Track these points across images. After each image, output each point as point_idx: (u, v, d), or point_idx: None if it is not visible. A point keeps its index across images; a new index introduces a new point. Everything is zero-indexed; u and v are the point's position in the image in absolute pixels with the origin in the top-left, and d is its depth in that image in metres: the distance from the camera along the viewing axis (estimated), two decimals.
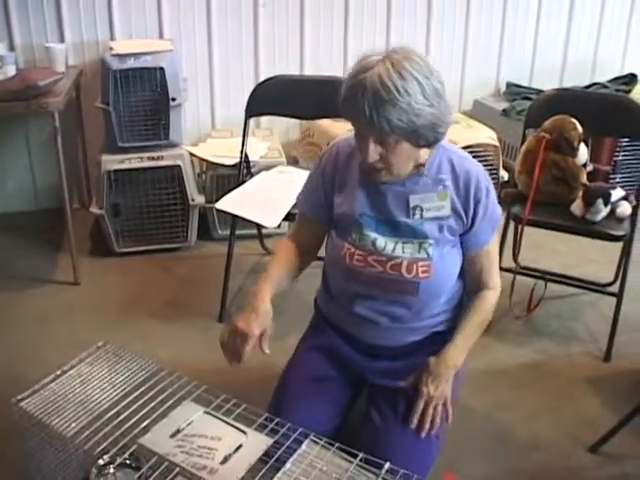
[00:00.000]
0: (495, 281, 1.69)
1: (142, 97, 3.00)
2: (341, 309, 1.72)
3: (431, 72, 1.41)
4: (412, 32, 3.78)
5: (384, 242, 1.58)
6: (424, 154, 1.56)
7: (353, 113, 1.42)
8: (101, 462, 1.54)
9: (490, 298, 1.67)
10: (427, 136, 1.45)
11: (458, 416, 1.67)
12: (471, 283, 1.68)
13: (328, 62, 3.72)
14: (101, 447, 1.33)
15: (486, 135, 3.36)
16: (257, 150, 3.20)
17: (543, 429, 2.08)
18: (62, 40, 3.34)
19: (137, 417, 1.38)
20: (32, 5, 3.28)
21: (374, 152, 1.45)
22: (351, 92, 1.40)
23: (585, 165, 2.54)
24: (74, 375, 1.54)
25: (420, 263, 1.56)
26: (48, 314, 2.67)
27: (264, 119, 3.63)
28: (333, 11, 3.65)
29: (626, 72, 4.01)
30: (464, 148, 3.06)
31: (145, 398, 1.44)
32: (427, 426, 1.57)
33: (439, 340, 1.71)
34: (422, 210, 1.57)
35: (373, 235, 1.59)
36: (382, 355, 1.71)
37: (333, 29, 3.69)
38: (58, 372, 1.54)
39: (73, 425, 1.38)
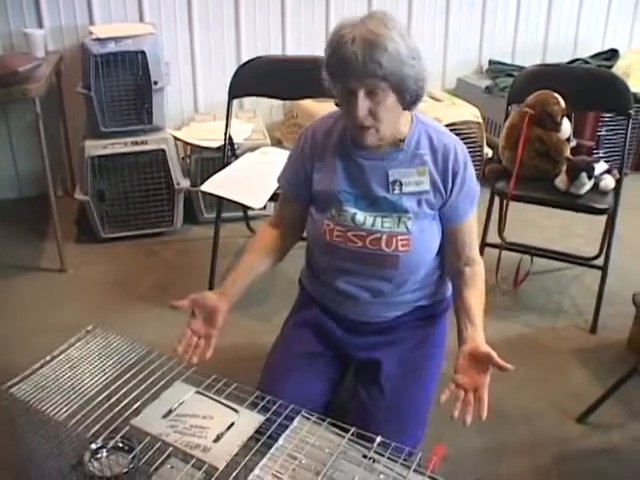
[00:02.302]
0: (477, 253, 1.70)
1: (124, 81, 2.98)
2: (324, 286, 1.73)
3: (408, 34, 1.46)
4: (394, 10, 3.77)
5: (363, 217, 1.59)
6: (404, 127, 1.58)
7: (343, 63, 1.42)
8: (94, 446, 1.55)
9: (482, 273, 1.68)
10: (411, 89, 1.47)
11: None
12: (453, 258, 1.67)
13: (310, 42, 3.70)
14: (93, 430, 1.33)
15: (470, 112, 3.37)
16: (241, 132, 3.19)
17: (531, 401, 2.11)
18: (41, 25, 3.30)
19: (128, 399, 1.38)
20: None
21: (363, 106, 1.45)
22: (339, 45, 1.42)
23: (569, 140, 2.55)
24: (64, 360, 1.54)
25: (399, 237, 1.57)
26: (35, 301, 2.67)
27: (247, 101, 3.62)
28: None
29: (607, 48, 4.03)
30: (448, 126, 3.07)
31: (136, 380, 1.44)
32: None
33: (424, 315, 1.73)
34: (401, 185, 1.58)
35: (352, 210, 1.60)
36: (365, 331, 1.73)
37: (314, 9, 3.67)
38: (48, 357, 1.53)
39: (64, 410, 1.38)
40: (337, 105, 1.65)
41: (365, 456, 1.26)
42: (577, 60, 3.95)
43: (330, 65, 1.48)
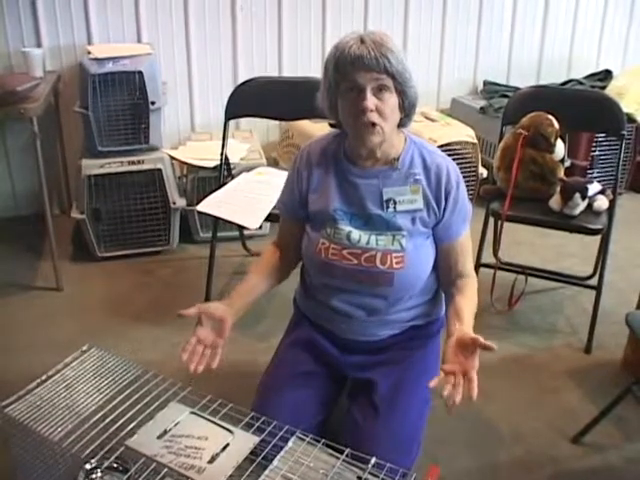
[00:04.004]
0: (471, 268, 1.71)
1: (121, 101, 3.00)
2: (318, 305, 1.74)
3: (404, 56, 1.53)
4: (389, 32, 3.75)
5: (358, 235, 1.61)
6: (398, 146, 1.61)
7: (355, 59, 1.47)
8: (88, 466, 1.54)
9: (475, 284, 1.69)
10: (410, 96, 1.53)
11: (441, 410, 1.68)
12: (447, 275, 1.69)
13: (306, 63, 3.74)
14: (88, 451, 1.32)
15: (464, 133, 3.39)
16: (237, 152, 3.20)
17: (525, 421, 2.11)
18: (39, 45, 3.33)
19: (123, 420, 1.38)
20: (7, 10, 3.25)
21: (371, 101, 1.49)
22: (348, 45, 1.48)
23: (563, 160, 2.57)
24: (59, 380, 1.54)
25: (394, 254, 1.59)
26: (31, 320, 2.66)
27: (244, 121, 3.64)
28: (310, 13, 3.67)
29: (601, 68, 4.07)
30: (443, 146, 3.10)
31: (131, 401, 1.44)
32: None
33: (418, 335, 1.74)
34: (395, 203, 1.60)
35: (347, 228, 1.61)
36: (359, 350, 1.73)
37: (311, 30, 3.71)
38: (43, 377, 1.53)
39: (59, 430, 1.38)
40: (332, 126, 1.68)
41: (360, 477, 1.26)
42: (571, 81, 3.98)
43: (339, 65, 1.50)
